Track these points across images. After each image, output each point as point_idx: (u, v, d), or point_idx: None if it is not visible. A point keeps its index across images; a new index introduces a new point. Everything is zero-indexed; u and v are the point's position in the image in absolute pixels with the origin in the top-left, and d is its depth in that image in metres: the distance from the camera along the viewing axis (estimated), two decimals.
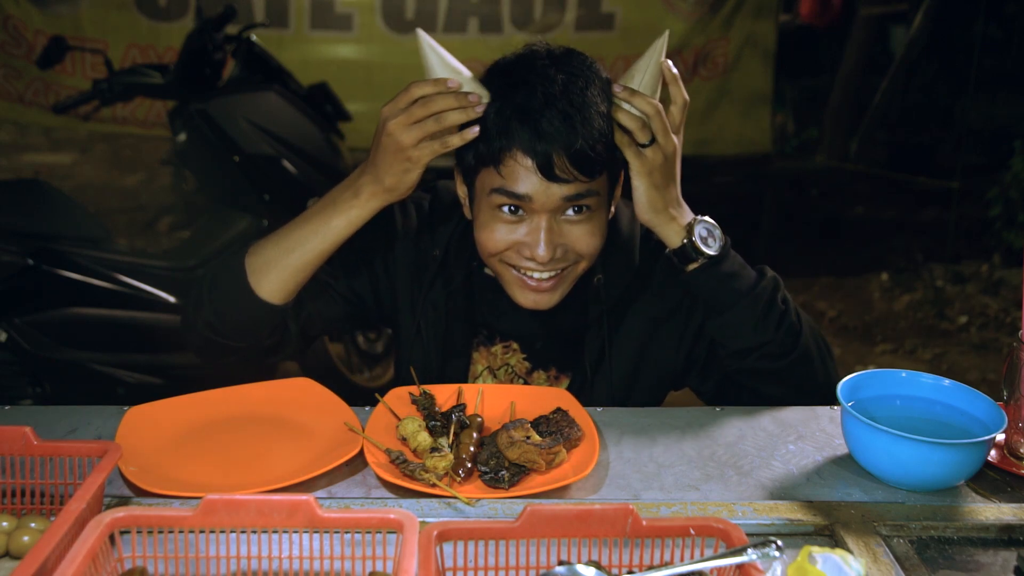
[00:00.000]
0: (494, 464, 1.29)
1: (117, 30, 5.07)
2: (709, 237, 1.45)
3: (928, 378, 1.43)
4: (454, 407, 1.44)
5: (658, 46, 1.40)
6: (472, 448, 1.31)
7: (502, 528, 0.99)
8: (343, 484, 1.30)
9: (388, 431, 1.41)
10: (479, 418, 1.40)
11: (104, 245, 3.09)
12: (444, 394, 1.50)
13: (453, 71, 1.39)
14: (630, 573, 1.00)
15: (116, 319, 3.01)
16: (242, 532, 1.00)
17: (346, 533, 1.09)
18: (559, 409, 1.42)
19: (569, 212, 1.43)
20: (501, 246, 1.45)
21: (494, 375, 1.65)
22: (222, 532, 1.00)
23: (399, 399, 1.49)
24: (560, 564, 0.99)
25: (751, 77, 5.53)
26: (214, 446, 1.39)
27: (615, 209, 1.57)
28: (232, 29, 3.44)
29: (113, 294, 2.99)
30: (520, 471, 1.28)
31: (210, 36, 3.31)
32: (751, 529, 1.20)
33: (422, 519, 1.17)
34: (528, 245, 1.43)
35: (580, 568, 0.98)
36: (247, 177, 3.24)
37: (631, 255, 1.61)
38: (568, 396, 1.49)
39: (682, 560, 0.99)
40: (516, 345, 1.64)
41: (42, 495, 1.18)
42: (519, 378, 1.65)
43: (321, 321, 1.62)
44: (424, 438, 1.35)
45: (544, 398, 1.49)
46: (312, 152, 3.36)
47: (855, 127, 6.87)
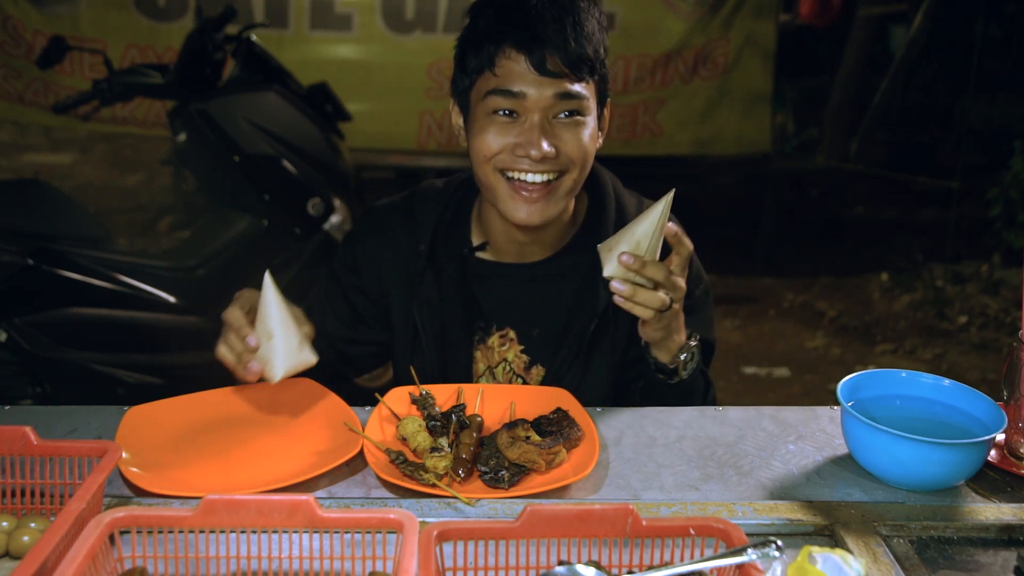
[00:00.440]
0: (494, 464, 1.29)
1: (116, 30, 5.08)
2: (690, 361, 1.51)
3: (928, 378, 1.43)
4: (454, 407, 1.44)
5: (661, 207, 1.36)
6: (472, 448, 1.31)
7: (502, 528, 0.99)
8: (343, 484, 1.30)
9: (388, 431, 1.41)
10: (479, 418, 1.40)
11: (104, 245, 3.08)
12: (444, 394, 1.50)
13: (283, 322, 1.38)
14: (630, 573, 1.00)
15: (116, 319, 3.01)
16: (242, 532, 1.00)
17: (346, 533, 1.09)
18: (559, 409, 1.42)
19: (561, 115, 1.50)
20: (496, 147, 1.51)
21: (493, 374, 1.66)
22: (222, 532, 1.00)
23: (399, 399, 1.49)
24: (560, 564, 0.99)
25: (751, 77, 5.54)
26: (214, 446, 1.39)
27: (612, 188, 1.64)
28: (232, 29, 3.44)
29: (113, 294, 2.99)
30: (520, 471, 1.28)
31: (210, 36, 3.31)
32: (751, 529, 1.20)
33: (422, 519, 1.17)
34: (522, 145, 1.50)
35: (580, 568, 0.98)
36: (247, 177, 3.24)
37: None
38: (568, 396, 1.49)
39: (682, 560, 0.99)
40: (513, 334, 1.66)
41: (42, 495, 1.18)
42: (518, 377, 1.66)
43: (371, 359, 1.82)
44: (424, 438, 1.35)
45: (544, 398, 1.50)
46: (312, 152, 3.36)
47: (855, 127, 6.86)
